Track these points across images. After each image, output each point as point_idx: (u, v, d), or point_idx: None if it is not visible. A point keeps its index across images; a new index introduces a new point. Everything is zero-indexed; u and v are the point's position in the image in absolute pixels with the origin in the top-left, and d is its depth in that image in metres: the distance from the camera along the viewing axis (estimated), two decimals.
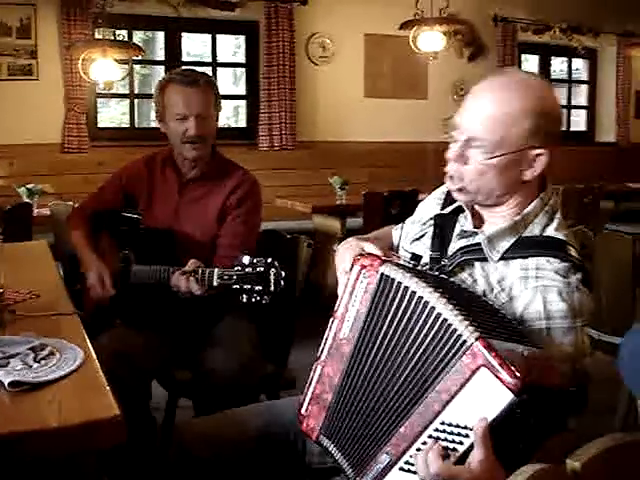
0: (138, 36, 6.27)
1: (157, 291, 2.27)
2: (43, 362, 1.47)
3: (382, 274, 1.37)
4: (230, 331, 2.36)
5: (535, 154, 1.42)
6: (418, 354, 1.28)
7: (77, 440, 1.25)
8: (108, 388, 1.36)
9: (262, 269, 1.92)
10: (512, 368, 1.14)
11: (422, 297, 1.29)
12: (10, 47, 5.33)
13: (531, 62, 7.99)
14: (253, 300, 1.93)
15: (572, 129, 8.18)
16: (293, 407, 1.56)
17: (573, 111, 8.21)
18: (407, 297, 1.31)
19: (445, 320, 1.24)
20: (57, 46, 5.44)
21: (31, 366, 1.45)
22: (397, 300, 1.33)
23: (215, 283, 2.01)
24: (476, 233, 1.50)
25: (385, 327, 1.34)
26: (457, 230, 1.56)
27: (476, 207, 1.54)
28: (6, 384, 1.35)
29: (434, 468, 1.19)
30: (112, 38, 5.25)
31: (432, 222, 1.62)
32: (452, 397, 1.20)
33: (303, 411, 1.50)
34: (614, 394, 1.79)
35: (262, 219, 2.58)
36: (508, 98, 1.41)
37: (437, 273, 1.50)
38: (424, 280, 1.32)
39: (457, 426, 1.20)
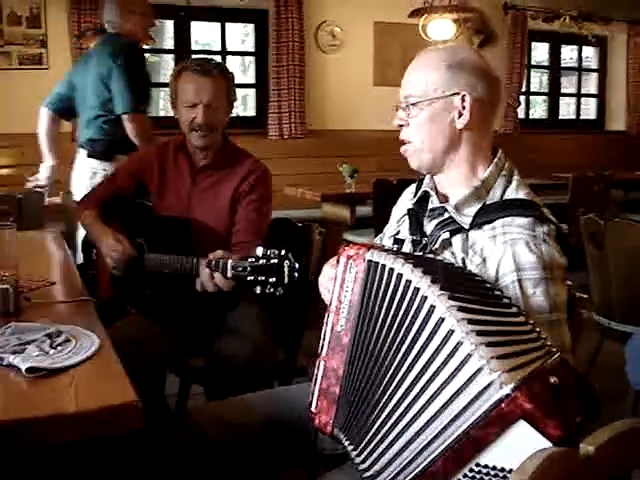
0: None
1: (170, 279, 2.28)
2: (59, 348, 1.49)
3: (369, 261, 1.40)
4: (243, 318, 2.37)
5: (461, 102, 1.53)
6: (420, 350, 1.27)
7: (94, 425, 1.27)
8: (124, 374, 1.38)
9: (276, 261, 1.92)
10: (552, 417, 1.10)
11: (411, 281, 1.31)
12: (20, 36, 5.35)
13: (541, 50, 7.96)
14: (267, 292, 1.93)
15: (582, 117, 8.15)
16: (305, 393, 1.57)
17: (583, 99, 8.18)
18: (397, 281, 1.34)
19: (460, 343, 1.20)
20: (67, 35, 5.44)
21: (47, 352, 1.47)
22: (389, 285, 1.36)
23: (229, 274, 2.01)
24: (444, 207, 1.56)
25: (382, 313, 1.36)
26: (427, 212, 1.63)
27: (437, 182, 1.63)
28: (23, 370, 1.37)
29: None
30: None
31: (407, 215, 1.69)
32: (488, 445, 1.17)
33: (313, 408, 1.50)
34: (624, 382, 1.80)
35: (272, 208, 2.59)
36: (429, 56, 1.58)
37: (421, 254, 1.55)
38: (411, 262, 1.34)
39: (494, 468, 1.17)
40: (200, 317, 2.41)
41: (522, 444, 1.12)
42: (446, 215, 1.56)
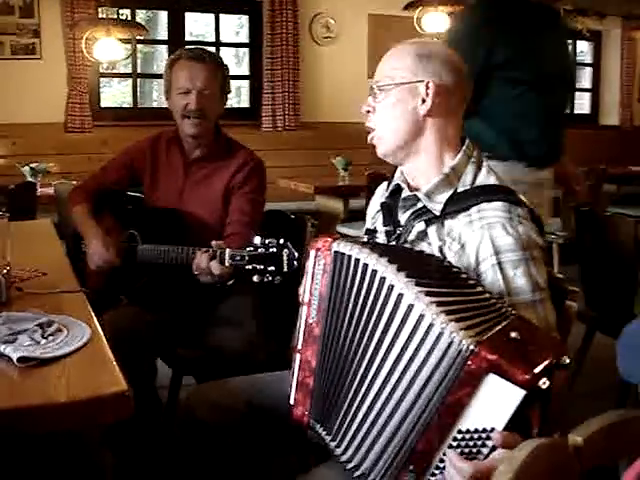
0: (140, 15, 6.25)
1: (163, 269, 2.28)
2: (51, 338, 1.49)
3: (336, 252, 1.43)
4: (236, 309, 2.38)
5: (425, 89, 1.56)
6: (384, 330, 1.30)
7: (85, 415, 1.26)
8: (115, 364, 1.38)
9: (275, 250, 1.93)
10: (519, 364, 1.14)
11: (375, 270, 1.34)
12: (13, 26, 5.32)
13: None
14: (265, 280, 1.93)
15: (576, 112, 8.15)
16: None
17: (577, 94, 8.17)
18: (363, 271, 1.37)
19: (422, 316, 1.24)
20: (60, 25, 5.43)
21: (39, 342, 1.46)
22: (355, 275, 1.38)
23: (227, 264, 2.01)
24: (415, 196, 1.58)
25: (350, 303, 1.39)
26: (400, 203, 1.65)
27: (406, 173, 1.65)
28: (15, 359, 1.36)
29: (468, 469, 1.17)
30: (115, 17, 5.24)
31: (380, 210, 1.71)
32: (464, 408, 1.19)
33: (291, 401, 1.53)
34: (615, 374, 1.81)
35: (265, 200, 2.59)
36: (401, 47, 1.64)
37: (393, 243, 1.58)
38: (377, 252, 1.36)
39: (475, 431, 1.19)
40: (192, 308, 2.42)
41: (496, 398, 1.16)
42: (419, 205, 1.57)
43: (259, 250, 1.94)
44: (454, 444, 1.21)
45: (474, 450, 1.19)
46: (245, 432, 1.69)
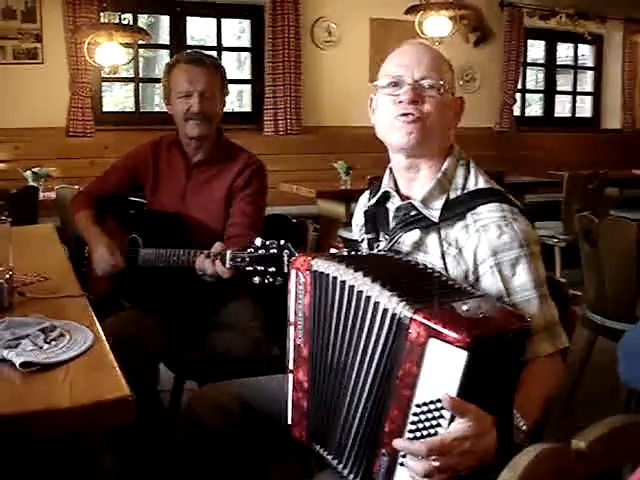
0: (142, 20, 6.26)
1: (165, 273, 2.28)
2: (53, 343, 1.49)
3: (314, 272, 1.44)
4: (238, 313, 2.37)
5: (458, 102, 1.65)
6: (366, 342, 1.33)
7: (88, 420, 1.27)
8: (118, 369, 1.38)
9: (275, 251, 1.93)
10: (457, 326, 1.17)
11: (353, 285, 1.35)
12: (15, 30, 5.32)
13: (537, 48, 7.96)
14: (266, 281, 1.93)
15: (577, 115, 8.16)
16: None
17: (578, 97, 8.18)
18: (339, 288, 1.38)
19: (377, 303, 1.30)
20: (62, 30, 5.43)
21: (41, 347, 1.46)
22: (333, 293, 1.40)
23: (227, 265, 2.01)
24: (410, 204, 1.58)
25: (333, 321, 1.40)
26: (391, 214, 1.64)
27: (401, 179, 1.64)
28: (17, 364, 1.37)
29: (419, 450, 1.19)
30: (117, 22, 5.24)
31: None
32: (416, 377, 1.22)
33: (289, 421, 1.53)
34: (617, 379, 1.81)
35: (267, 203, 2.59)
36: (437, 51, 1.64)
37: (375, 251, 1.60)
38: (352, 265, 1.38)
39: (431, 402, 1.21)
40: (194, 312, 2.42)
41: (441, 364, 1.19)
42: (412, 212, 1.57)
43: (260, 251, 1.94)
44: (415, 419, 1.23)
45: (434, 423, 1.21)
46: (246, 435, 1.69)
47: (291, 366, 1.51)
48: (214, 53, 6.04)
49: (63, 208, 3.59)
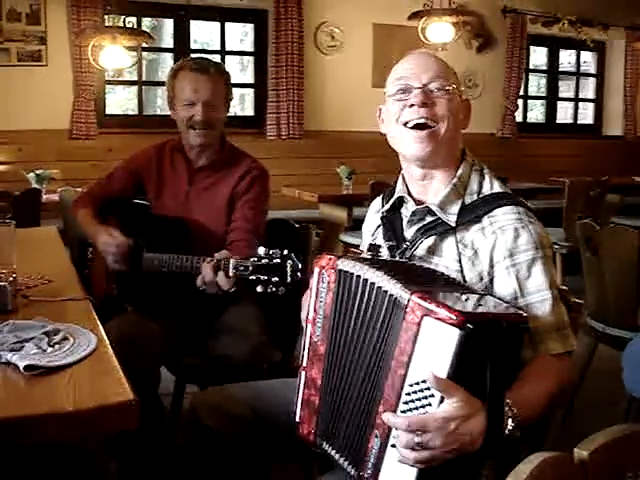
0: (146, 23, 6.27)
1: (168, 277, 2.28)
2: (57, 347, 1.49)
3: (340, 270, 1.45)
4: (240, 317, 2.37)
5: (466, 104, 1.65)
6: (376, 334, 1.35)
7: (91, 424, 1.27)
8: (122, 373, 1.38)
9: (279, 260, 1.93)
10: (451, 308, 1.20)
11: (374, 282, 1.37)
12: (20, 33, 5.35)
13: (539, 54, 7.98)
14: (269, 291, 1.94)
15: (579, 122, 8.17)
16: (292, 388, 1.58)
17: (581, 104, 8.20)
18: (364, 286, 1.39)
19: (380, 288, 1.34)
20: (66, 32, 5.45)
21: (45, 350, 1.47)
22: (357, 292, 1.41)
23: (231, 273, 2.01)
24: (428, 208, 1.58)
25: (352, 320, 1.41)
26: (405, 220, 1.65)
27: (415, 185, 1.64)
28: (21, 368, 1.37)
29: (402, 423, 1.22)
30: (121, 25, 5.26)
31: (381, 224, 1.72)
32: (410, 356, 1.24)
33: (297, 418, 1.54)
34: (618, 386, 1.81)
35: (269, 208, 2.59)
36: (441, 59, 1.65)
37: (398, 258, 1.59)
38: (377, 267, 1.39)
39: (423, 382, 1.23)
40: (196, 316, 2.42)
41: (434, 342, 1.21)
42: (429, 218, 1.58)
43: (263, 261, 1.94)
44: (408, 399, 1.25)
45: (425, 402, 1.23)
46: (247, 438, 1.69)
47: (304, 363, 1.51)
48: (217, 57, 6.07)
49: (66, 210, 3.60)
